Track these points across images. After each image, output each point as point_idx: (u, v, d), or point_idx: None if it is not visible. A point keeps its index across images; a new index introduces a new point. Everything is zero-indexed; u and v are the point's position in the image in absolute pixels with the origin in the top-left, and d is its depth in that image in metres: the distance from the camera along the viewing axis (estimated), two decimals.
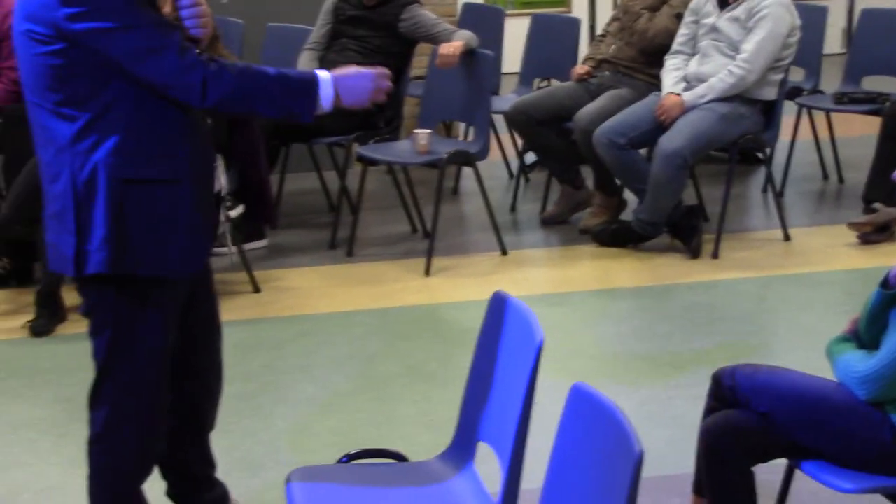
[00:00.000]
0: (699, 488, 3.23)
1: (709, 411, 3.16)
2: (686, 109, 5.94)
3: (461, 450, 2.98)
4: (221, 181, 3.24)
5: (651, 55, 6.33)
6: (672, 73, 6.11)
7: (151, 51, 2.84)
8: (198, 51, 2.92)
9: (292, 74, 3.01)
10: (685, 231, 6.03)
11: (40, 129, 2.97)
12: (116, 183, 2.91)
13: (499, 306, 2.92)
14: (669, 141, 5.86)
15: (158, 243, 2.98)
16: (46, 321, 5.22)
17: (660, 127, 5.95)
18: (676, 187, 5.96)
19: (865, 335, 3.05)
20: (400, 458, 3.13)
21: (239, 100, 2.93)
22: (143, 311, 3.01)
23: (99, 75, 2.87)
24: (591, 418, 2.33)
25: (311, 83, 2.97)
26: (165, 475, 3.40)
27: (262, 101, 2.96)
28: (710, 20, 6.07)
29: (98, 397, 3.08)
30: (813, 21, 7.07)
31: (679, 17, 6.27)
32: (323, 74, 3.00)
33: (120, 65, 2.85)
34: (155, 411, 3.11)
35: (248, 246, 6.00)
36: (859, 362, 2.98)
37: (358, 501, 2.90)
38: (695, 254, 5.99)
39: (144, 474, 3.17)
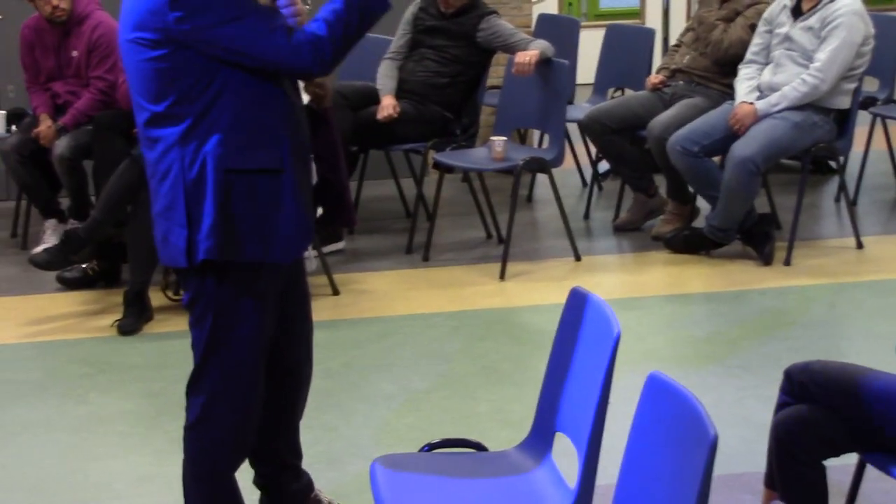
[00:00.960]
0: (771, 482, 3.30)
1: (780, 406, 3.23)
2: (759, 118, 6.00)
3: (539, 440, 3.09)
4: (314, 175, 3.36)
5: (725, 65, 6.40)
6: (746, 83, 6.18)
7: (261, 36, 2.98)
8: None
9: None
10: (757, 238, 6.10)
11: (148, 131, 3.10)
12: (223, 173, 3.04)
13: (577, 302, 3.02)
14: (742, 148, 5.93)
15: (262, 231, 3.11)
16: (134, 320, 5.39)
17: (733, 135, 6.01)
18: (748, 194, 6.02)
19: None
20: (480, 447, 3.23)
21: (342, 50, 3.05)
22: (244, 298, 3.13)
23: (204, 73, 3.00)
24: (666, 405, 2.43)
25: None
26: (254, 464, 3.51)
27: (354, 35, 3.05)
28: (783, 29, 6.13)
29: (198, 385, 3.20)
30: (888, 31, 7.09)
31: (753, 27, 6.33)
32: None
33: (229, 56, 2.99)
34: (252, 399, 3.22)
35: (326, 248, 6.14)
36: None
37: (440, 489, 3.00)
38: (767, 261, 6.05)
39: (239, 461, 3.29)
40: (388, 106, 6.36)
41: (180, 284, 3.28)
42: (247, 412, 3.22)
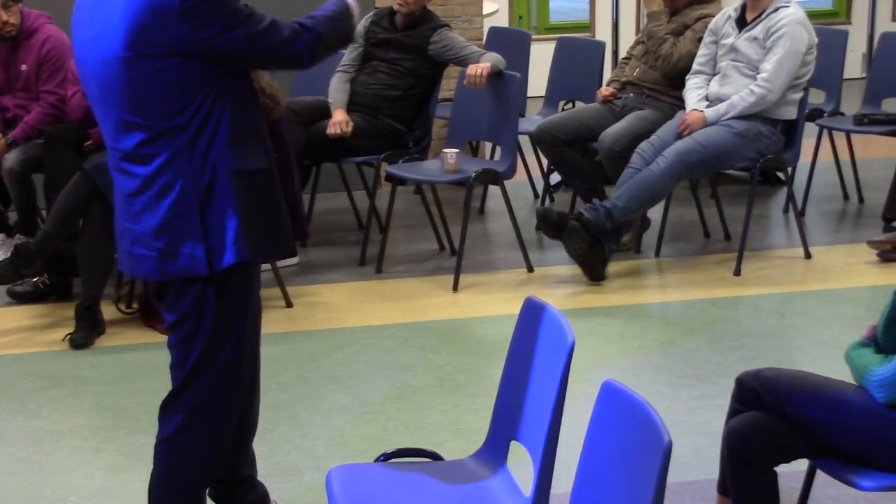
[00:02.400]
0: (724, 488, 3.35)
1: (732, 414, 3.27)
2: (707, 125, 6.08)
3: (495, 449, 3.11)
4: None
5: (675, 79, 6.47)
6: (695, 91, 6.25)
7: (259, 34, 3.05)
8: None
9: (332, 9, 3.24)
10: (609, 236, 6.08)
11: (142, 147, 3.08)
12: (234, 176, 3.08)
13: (531, 312, 3.05)
14: (682, 145, 6.00)
15: (270, 229, 3.16)
16: (86, 333, 5.37)
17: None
18: (661, 189, 6.04)
19: (883, 340, 3.17)
20: (435, 457, 3.25)
21: (326, 48, 3.18)
22: (241, 300, 3.18)
23: (205, 81, 3.04)
24: (620, 412, 2.46)
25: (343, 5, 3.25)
26: None
27: (337, 41, 3.23)
28: (728, 40, 6.21)
29: (178, 401, 3.19)
30: (832, 44, 7.20)
31: (700, 40, 6.40)
32: None
33: (235, 60, 3.07)
34: (236, 407, 3.25)
35: (281, 263, 6.13)
36: (878, 366, 3.10)
37: (396, 498, 3.02)
38: (592, 272, 6.05)
39: (214, 473, 3.31)
40: (339, 122, 6.37)
41: (163, 303, 3.22)
42: (230, 421, 3.25)
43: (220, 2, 3.01)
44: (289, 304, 5.79)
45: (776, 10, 6.12)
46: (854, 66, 10.20)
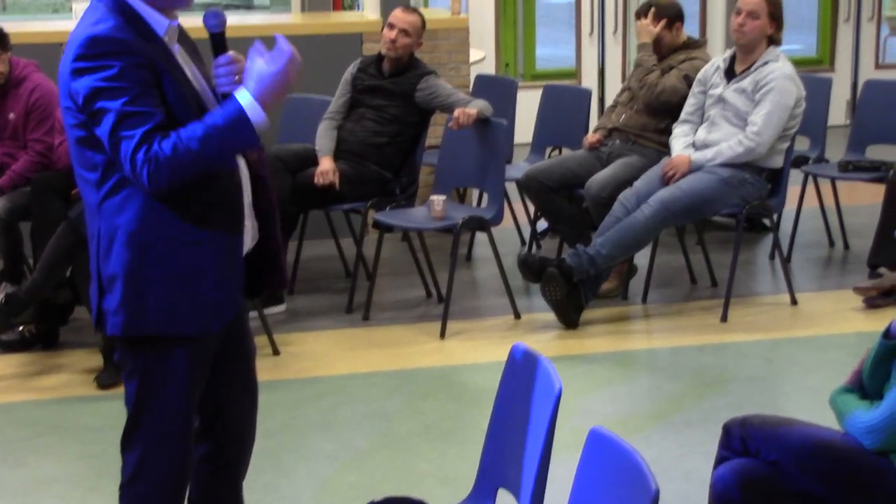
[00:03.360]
0: None
1: (720, 461, 3.27)
2: (693, 169, 6.11)
3: (482, 496, 3.10)
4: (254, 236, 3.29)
5: (656, 112, 6.50)
6: (681, 139, 6.29)
7: (112, 135, 2.92)
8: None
9: (219, 121, 2.94)
10: (589, 284, 6.10)
11: (83, 196, 3.11)
12: (135, 246, 3.01)
13: (518, 359, 3.05)
14: (667, 192, 6.02)
15: (179, 302, 3.06)
16: (114, 373, 5.34)
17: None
18: (645, 237, 6.07)
19: (869, 385, 3.18)
20: None
21: (185, 175, 2.93)
22: (168, 367, 3.10)
23: None
24: (607, 459, 2.46)
25: (238, 115, 2.93)
26: None
27: (207, 161, 2.94)
28: (717, 91, 6.25)
29: (129, 443, 3.18)
30: (818, 91, 7.24)
31: (687, 78, 6.46)
32: (242, 98, 2.94)
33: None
34: (181, 461, 3.21)
35: (268, 311, 6.13)
36: (864, 412, 3.10)
37: None
38: (567, 319, 6.05)
39: None
40: (326, 171, 6.38)
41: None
42: (178, 474, 3.21)
43: (95, 68, 2.93)
44: (275, 352, 5.78)
45: (765, 63, 6.16)
46: (838, 113, 10.27)
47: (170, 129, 2.93)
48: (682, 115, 6.37)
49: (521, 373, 3.00)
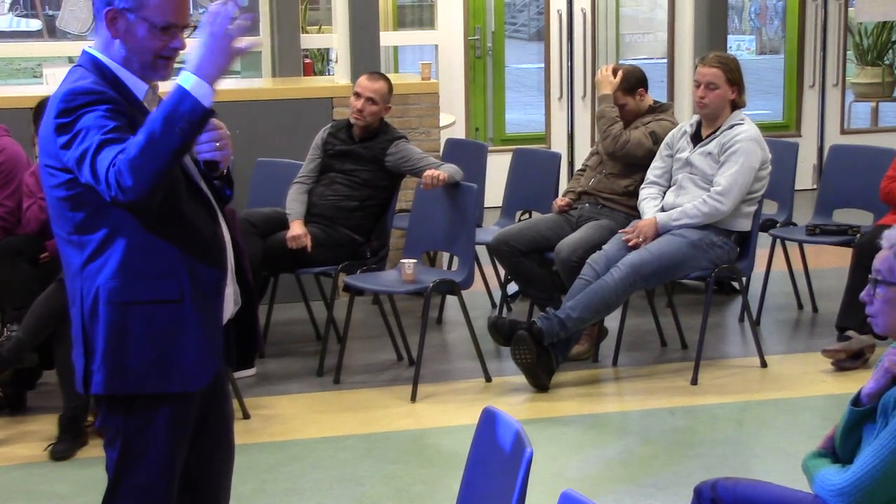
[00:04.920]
0: None
1: None
2: (659, 231, 6.14)
3: None
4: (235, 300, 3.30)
5: (618, 161, 6.55)
6: (651, 201, 6.33)
7: (92, 165, 2.93)
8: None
9: (160, 105, 2.92)
10: (559, 347, 6.10)
11: (63, 257, 3.13)
12: (116, 306, 3.05)
13: (489, 422, 3.05)
14: (636, 256, 6.05)
15: (160, 362, 3.09)
16: (68, 445, 5.30)
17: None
18: (615, 300, 6.09)
19: (841, 451, 3.19)
20: None
21: (151, 169, 2.87)
22: (151, 427, 3.11)
23: (102, 203, 3.00)
24: None
25: (175, 91, 2.91)
26: None
27: (163, 145, 2.88)
28: (683, 154, 6.31)
29: None
30: (785, 156, 7.32)
31: (653, 134, 6.52)
32: (182, 77, 2.92)
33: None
34: None
35: (238, 374, 6.10)
36: (835, 475, 3.11)
37: None
38: (537, 382, 6.04)
39: None
40: (298, 236, 6.39)
41: (93, 408, 3.26)
42: None
43: (77, 118, 2.95)
44: (246, 416, 5.75)
45: (731, 126, 6.24)
46: (805, 177, 10.36)
47: None
48: (649, 178, 6.42)
49: (493, 436, 3.00)
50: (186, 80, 2.92)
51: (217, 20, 2.95)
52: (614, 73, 6.72)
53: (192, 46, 2.99)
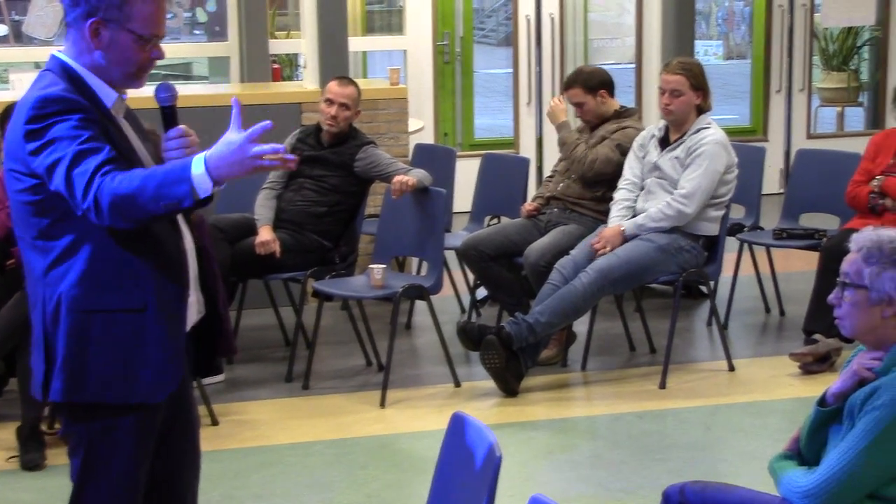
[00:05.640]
0: None
1: None
2: (626, 238, 6.16)
3: None
4: (200, 308, 3.30)
5: (591, 183, 6.57)
6: (621, 209, 6.34)
7: (67, 175, 2.92)
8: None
9: (166, 168, 2.94)
10: (528, 352, 6.12)
11: (25, 261, 3.11)
12: (78, 313, 3.03)
13: (458, 427, 3.05)
14: (604, 261, 6.07)
15: (123, 371, 3.07)
16: (37, 455, 5.25)
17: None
18: (584, 305, 6.11)
19: (806, 452, 3.21)
20: None
21: (126, 212, 2.90)
22: (114, 436, 3.10)
23: (68, 211, 3.00)
24: None
25: (183, 169, 2.90)
26: None
27: (145, 213, 2.91)
28: (652, 159, 6.34)
29: None
30: (752, 160, 7.36)
31: (620, 147, 6.53)
32: (195, 161, 2.91)
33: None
34: None
35: (206, 381, 6.08)
36: (801, 477, 3.13)
37: None
38: (506, 386, 6.05)
39: None
40: (267, 242, 6.38)
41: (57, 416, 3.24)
42: None
43: (48, 126, 2.95)
44: (214, 422, 5.74)
45: (698, 130, 6.27)
46: (772, 181, 10.40)
47: (119, 168, 2.93)
48: (621, 183, 6.43)
49: (462, 441, 3.00)
50: (198, 166, 2.89)
51: (250, 143, 2.93)
52: (567, 85, 6.75)
53: (223, 140, 2.94)
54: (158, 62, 3.17)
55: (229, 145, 2.93)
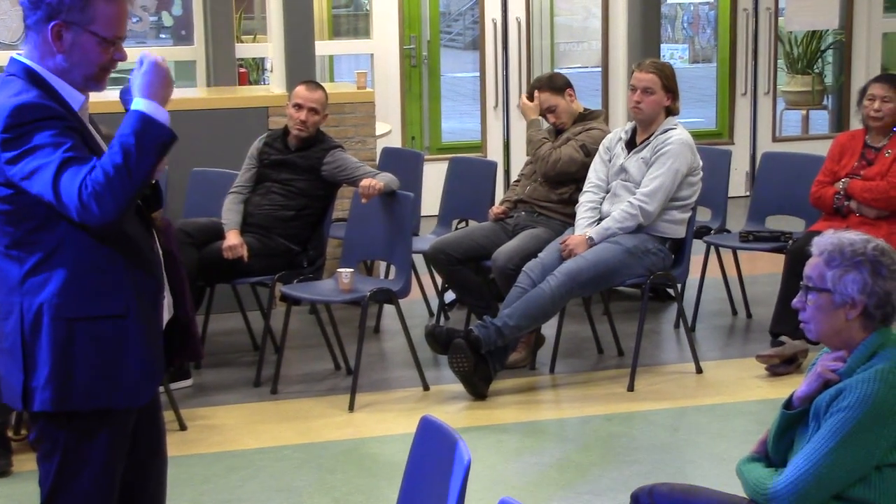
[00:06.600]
0: None
1: None
2: (593, 245, 6.18)
3: None
4: (168, 312, 3.32)
5: (555, 184, 6.59)
6: (588, 211, 6.35)
7: (55, 183, 2.92)
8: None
9: (127, 131, 2.95)
10: (497, 355, 6.13)
11: (1, 271, 3.08)
12: (61, 322, 3.02)
13: (427, 431, 3.05)
14: (572, 264, 6.08)
15: (106, 377, 3.08)
16: (5, 461, 5.20)
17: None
18: (552, 307, 6.12)
19: (774, 454, 3.23)
20: None
21: (126, 193, 2.91)
22: (90, 443, 3.09)
23: (46, 219, 2.99)
24: None
25: (140, 116, 2.96)
26: None
27: (137, 172, 2.92)
28: (619, 161, 6.36)
29: None
30: (718, 163, 7.40)
31: (584, 147, 6.56)
32: (138, 104, 2.98)
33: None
34: None
35: (174, 385, 6.07)
36: (768, 479, 3.15)
37: None
38: (474, 390, 6.06)
39: None
40: (234, 246, 6.36)
41: (28, 421, 3.22)
42: None
43: (28, 133, 2.93)
44: (182, 427, 5.72)
45: (665, 131, 6.30)
46: (738, 184, 10.46)
47: None
48: (587, 185, 6.45)
49: (431, 445, 3.00)
50: (139, 104, 2.97)
51: (153, 62, 3.04)
52: (530, 97, 6.80)
53: (135, 80, 3.03)
54: (126, 66, 3.17)
55: (144, 75, 3.02)
